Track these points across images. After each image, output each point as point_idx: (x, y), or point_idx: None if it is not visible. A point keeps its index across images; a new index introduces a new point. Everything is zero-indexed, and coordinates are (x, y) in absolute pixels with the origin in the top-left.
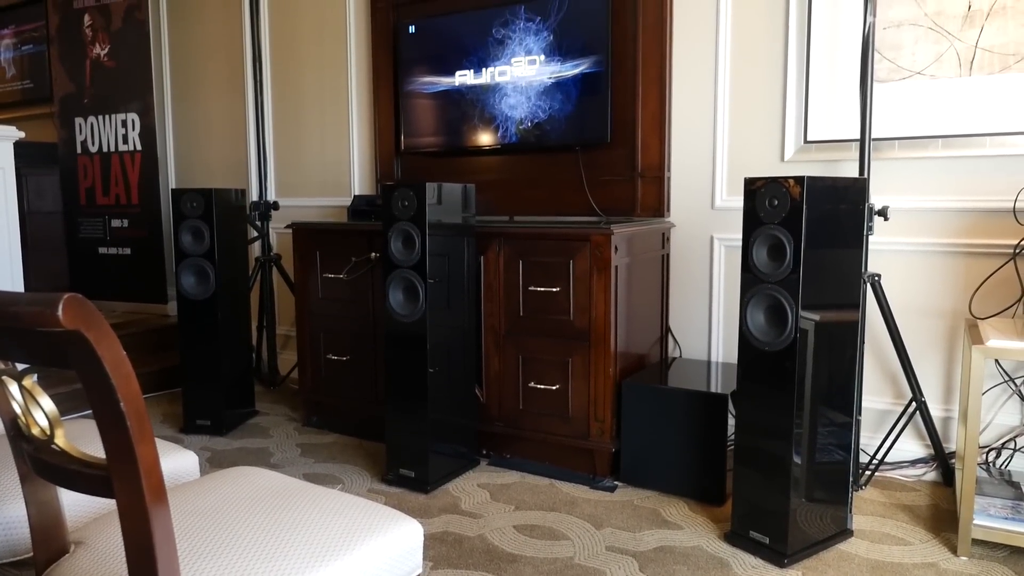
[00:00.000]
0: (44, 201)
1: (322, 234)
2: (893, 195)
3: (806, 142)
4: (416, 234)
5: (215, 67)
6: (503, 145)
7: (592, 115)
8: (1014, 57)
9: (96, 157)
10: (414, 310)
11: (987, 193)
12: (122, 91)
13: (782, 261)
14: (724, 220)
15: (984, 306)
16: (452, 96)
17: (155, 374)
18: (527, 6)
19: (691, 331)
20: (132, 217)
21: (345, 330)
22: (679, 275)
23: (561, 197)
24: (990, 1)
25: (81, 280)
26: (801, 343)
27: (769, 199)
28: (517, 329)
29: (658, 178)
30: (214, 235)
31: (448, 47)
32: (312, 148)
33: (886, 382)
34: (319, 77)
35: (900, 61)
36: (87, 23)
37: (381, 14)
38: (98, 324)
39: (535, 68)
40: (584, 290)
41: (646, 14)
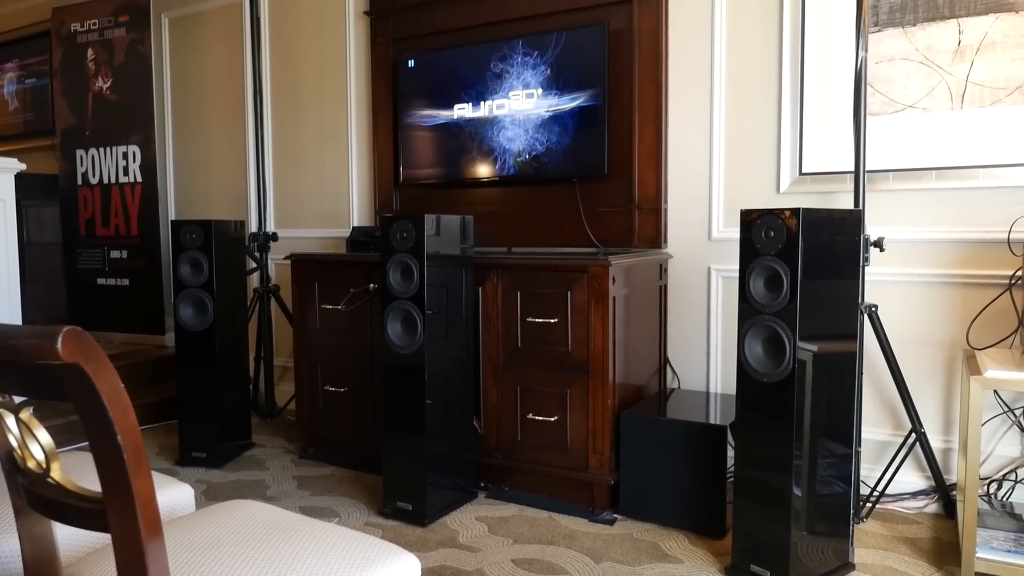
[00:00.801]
0: (44, 232)
1: (321, 265)
2: (888, 226)
3: (801, 174)
4: (414, 265)
5: (216, 100)
6: (501, 177)
7: (589, 148)
8: (1004, 91)
9: (96, 189)
10: (412, 341)
11: (982, 224)
12: (123, 124)
13: (779, 292)
14: (721, 251)
15: (981, 336)
16: (451, 129)
17: (152, 406)
18: (525, 41)
19: (689, 362)
20: (131, 248)
21: (343, 361)
22: (677, 306)
23: (559, 229)
24: (979, 36)
25: (79, 311)
26: (799, 374)
27: (765, 231)
28: (515, 360)
29: (655, 210)
30: (213, 266)
31: (447, 81)
32: (311, 180)
33: (885, 413)
34: (319, 110)
35: (893, 95)
36: (90, 57)
37: (381, 48)
38: (97, 357)
39: (533, 101)
40: (582, 321)
41: (642, 49)
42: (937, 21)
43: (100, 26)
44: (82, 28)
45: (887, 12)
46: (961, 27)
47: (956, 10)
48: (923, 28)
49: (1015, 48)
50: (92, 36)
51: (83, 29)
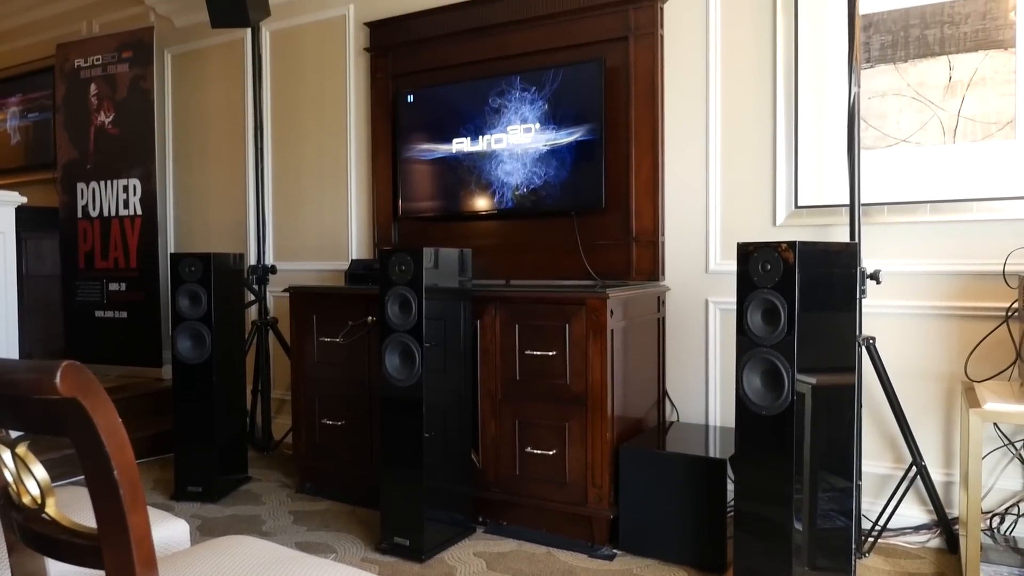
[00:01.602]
0: (43, 265)
1: (319, 298)
2: (885, 259)
3: (797, 207)
4: (413, 298)
5: (217, 133)
6: (499, 210)
7: (587, 181)
8: (996, 125)
9: (96, 221)
10: (410, 374)
11: (977, 256)
12: (125, 157)
13: (776, 325)
14: (718, 284)
15: (980, 368)
16: (449, 163)
17: (148, 439)
18: (522, 77)
19: (688, 395)
20: (130, 281)
21: (340, 394)
22: (675, 338)
23: (557, 261)
24: (969, 72)
25: (76, 344)
26: (798, 407)
27: (762, 263)
28: (513, 393)
29: (652, 242)
30: (211, 299)
31: (445, 115)
32: (311, 213)
33: (885, 446)
34: (319, 144)
35: (886, 129)
36: (93, 92)
37: (380, 84)
38: (95, 392)
39: (530, 136)
40: (580, 354)
41: (638, 85)
42: (928, 58)
43: (104, 61)
44: (86, 64)
45: (879, 49)
46: (951, 63)
47: (946, 47)
48: (914, 64)
49: (1004, 84)
50: (95, 71)
51: (87, 64)
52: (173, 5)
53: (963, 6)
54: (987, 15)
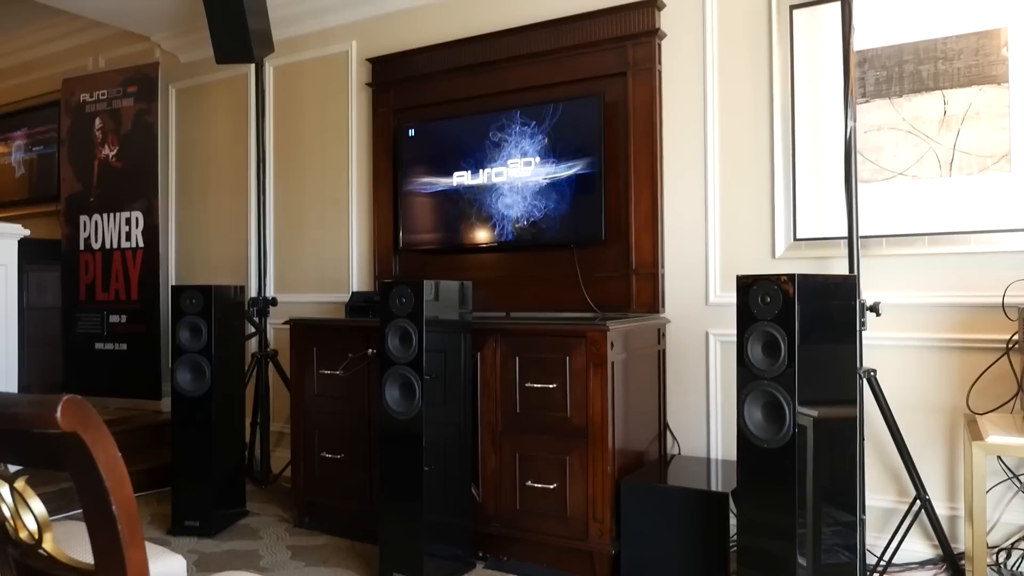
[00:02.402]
0: (44, 297)
1: (320, 330)
2: (884, 291)
3: (796, 240)
4: (413, 331)
5: (219, 167)
6: (500, 243)
7: (586, 214)
8: (991, 159)
9: (99, 254)
10: (410, 407)
11: (976, 288)
12: (128, 190)
13: (777, 357)
14: (719, 316)
15: (981, 401)
16: (450, 196)
17: (145, 472)
18: (523, 111)
19: (689, 427)
20: (131, 313)
21: (340, 427)
22: (675, 371)
23: (557, 294)
24: (964, 107)
25: (75, 376)
26: (800, 440)
27: (762, 296)
28: (514, 426)
29: (652, 275)
30: (212, 331)
31: (446, 149)
32: (312, 245)
33: (888, 479)
34: (320, 177)
35: (882, 162)
36: (98, 126)
37: (382, 118)
38: (96, 426)
39: (530, 169)
40: (581, 387)
41: (636, 119)
42: (922, 92)
43: (109, 96)
44: (91, 98)
45: (874, 84)
46: (946, 98)
47: (940, 82)
48: (909, 99)
49: (999, 118)
50: (101, 106)
51: (92, 99)
52: (179, 41)
53: (956, 42)
54: (979, 51)
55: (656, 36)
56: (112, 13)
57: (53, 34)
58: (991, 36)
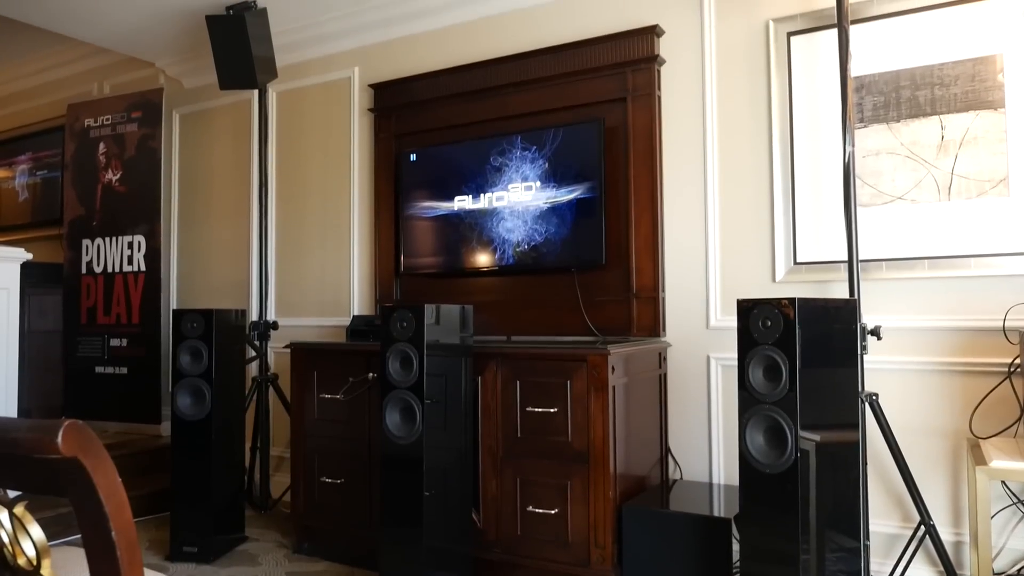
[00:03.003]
0: (45, 320)
1: (320, 354)
2: (884, 315)
3: (796, 263)
4: (414, 355)
5: (222, 191)
6: (500, 267)
7: (587, 238)
8: (990, 183)
9: (100, 277)
10: (411, 432)
11: (976, 312)
12: (131, 214)
13: (778, 381)
14: (720, 340)
15: (984, 425)
16: (451, 220)
17: (144, 497)
18: (523, 136)
19: (691, 452)
20: (131, 336)
21: (340, 452)
22: (677, 395)
23: (558, 317)
24: (961, 132)
25: (75, 399)
26: (802, 465)
27: (762, 320)
28: (515, 451)
29: (653, 298)
30: (212, 355)
31: (448, 174)
32: (313, 269)
33: (892, 504)
34: (322, 201)
35: (881, 187)
36: (102, 150)
37: (384, 143)
38: (96, 451)
39: (531, 194)
40: (582, 411)
41: (636, 144)
42: (920, 118)
43: (113, 121)
44: (96, 123)
45: (871, 109)
46: (943, 123)
47: (937, 107)
48: (907, 124)
49: (996, 143)
50: (105, 131)
51: (96, 124)
52: (183, 67)
53: (952, 68)
54: (975, 77)
55: (655, 62)
56: (118, 40)
57: (59, 60)
58: (987, 62)
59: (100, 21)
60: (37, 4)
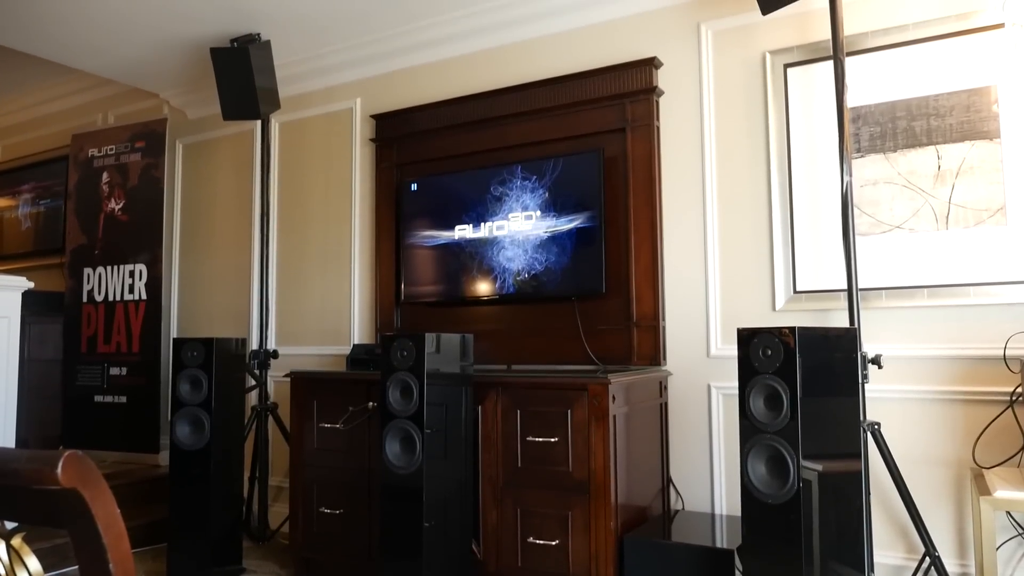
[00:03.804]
0: (45, 349)
1: (320, 383)
2: (885, 343)
3: (795, 292)
4: (414, 384)
5: (223, 220)
6: (501, 296)
7: (587, 267)
8: (987, 212)
9: (101, 306)
10: (411, 461)
11: (977, 341)
12: (133, 243)
13: (780, 411)
14: (720, 368)
15: (988, 454)
16: (452, 249)
17: (142, 528)
18: (523, 166)
19: (693, 482)
20: (131, 365)
21: (339, 482)
22: (678, 424)
23: (558, 346)
24: (958, 162)
25: (74, 429)
26: (805, 495)
27: (763, 349)
28: (515, 481)
29: (653, 327)
30: (212, 384)
31: (448, 203)
32: (314, 298)
33: (896, 535)
34: (323, 230)
35: (879, 216)
36: (105, 180)
37: (385, 173)
38: (95, 482)
39: (531, 223)
40: (583, 440)
41: (635, 174)
42: (916, 148)
43: (117, 151)
44: (99, 153)
45: (868, 139)
46: (939, 153)
47: (933, 137)
48: (904, 154)
49: (992, 172)
50: (108, 160)
51: (100, 154)
52: (187, 98)
53: (947, 99)
54: (970, 107)
55: (654, 94)
56: (123, 71)
57: (64, 91)
58: (981, 93)
59: (106, 53)
60: (45, 36)
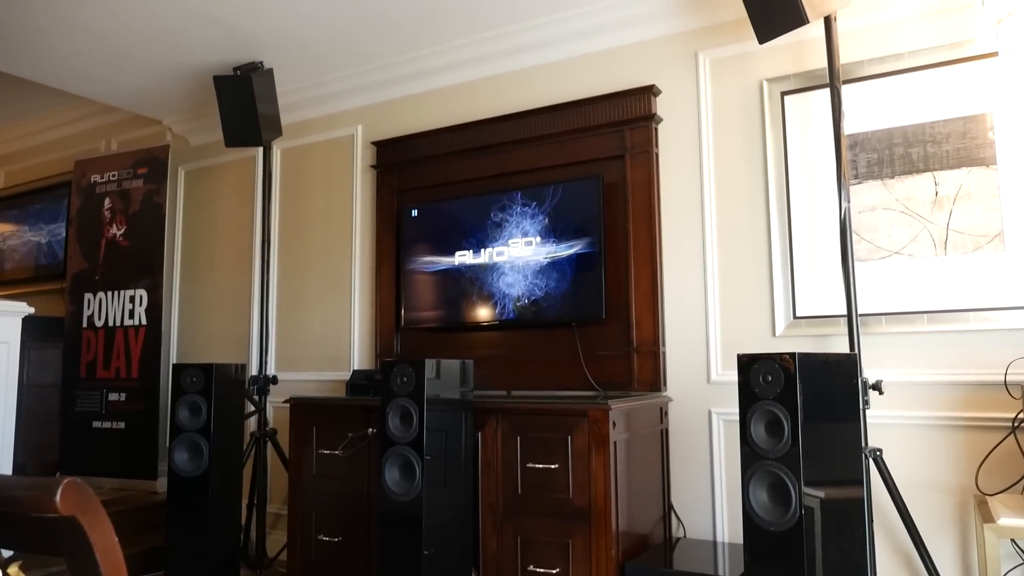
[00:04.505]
0: (44, 374)
1: (319, 409)
2: (886, 369)
3: (795, 317)
4: (414, 410)
5: (224, 246)
6: (501, 321)
7: (587, 293)
8: (985, 238)
9: (101, 331)
10: (410, 488)
11: (978, 366)
12: (133, 269)
13: (781, 437)
14: (721, 394)
15: (991, 481)
16: (452, 274)
17: (139, 555)
18: (523, 192)
19: (694, 508)
20: (130, 391)
21: (338, 509)
22: (679, 450)
23: (558, 372)
24: (955, 188)
25: (71, 455)
26: (808, 522)
27: (763, 375)
28: (515, 508)
29: (653, 353)
30: (211, 410)
31: (448, 229)
32: (314, 323)
33: (901, 563)
34: (324, 256)
35: (878, 242)
36: (107, 206)
37: (386, 199)
38: (94, 510)
39: (531, 249)
40: (583, 467)
41: (635, 200)
42: (913, 174)
43: (119, 177)
44: (102, 179)
45: (865, 166)
46: (936, 179)
47: (930, 164)
48: (901, 180)
49: (989, 199)
50: (111, 186)
51: (103, 180)
52: (190, 125)
53: (943, 126)
54: (966, 134)
55: (652, 121)
56: (127, 99)
57: (68, 118)
58: (977, 120)
59: (111, 81)
60: (50, 65)
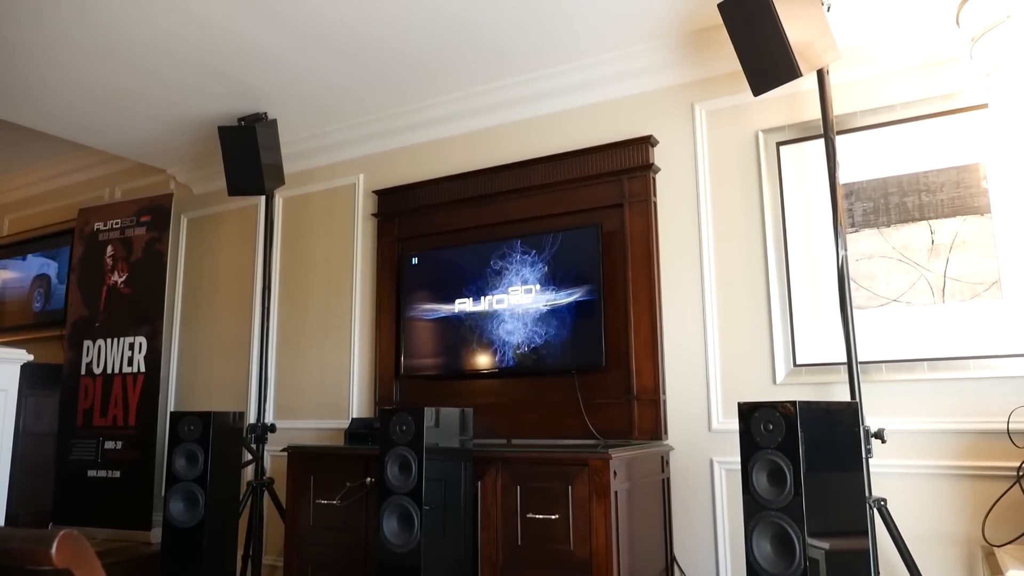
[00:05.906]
0: (41, 422)
1: (317, 458)
2: (887, 417)
3: (796, 365)
4: (413, 459)
5: (225, 293)
6: (501, 369)
7: (587, 340)
8: (982, 285)
9: (99, 379)
10: (408, 539)
11: (980, 415)
12: (134, 316)
13: (783, 486)
14: (722, 443)
15: (998, 531)
16: (451, 322)
17: None
18: (523, 241)
19: (697, 559)
20: (127, 439)
21: (335, 561)
22: (681, 500)
23: (558, 420)
24: (951, 236)
25: (65, 504)
26: (812, 574)
27: (764, 423)
28: (515, 560)
29: (654, 401)
30: (208, 459)
31: (448, 277)
32: (313, 371)
33: None
34: (324, 303)
35: (876, 289)
36: (109, 253)
37: (386, 247)
38: (89, 563)
39: (531, 296)
40: (584, 517)
41: (634, 248)
42: (909, 222)
43: (122, 225)
44: (105, 227)
45: (861, 214)
46: (932, 228)
47: (926, 213)
48: (897, 229)
49: (985, 247)
50: (113, 234)
51: (106, 228)
52: (193, 174)
53: (937, 176)
54: (960, 184)
55: (650, 170)
56: (132, 148)
57: (73, 166)
58: (970, 170)
59: (116, 131)
60: (55, 114)
